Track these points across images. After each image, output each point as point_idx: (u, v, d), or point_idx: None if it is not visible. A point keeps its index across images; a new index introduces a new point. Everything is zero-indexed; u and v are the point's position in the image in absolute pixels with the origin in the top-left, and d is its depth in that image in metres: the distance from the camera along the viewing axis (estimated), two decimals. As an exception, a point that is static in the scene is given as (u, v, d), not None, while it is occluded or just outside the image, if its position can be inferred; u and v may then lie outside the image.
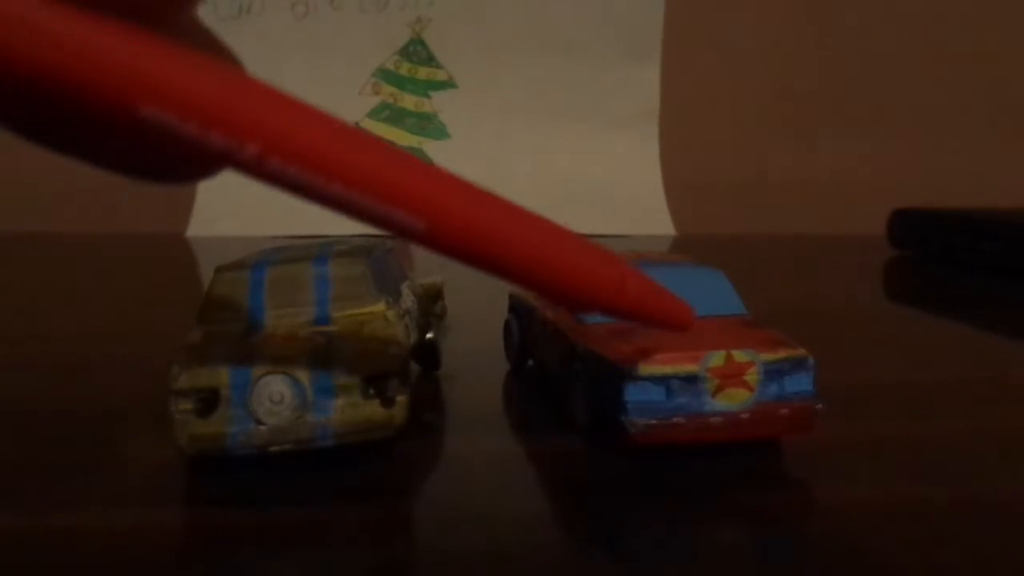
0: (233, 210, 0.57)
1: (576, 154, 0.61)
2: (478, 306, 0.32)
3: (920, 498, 0.15)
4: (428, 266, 0.42)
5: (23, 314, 0.32)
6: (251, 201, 0.58)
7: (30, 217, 0.59)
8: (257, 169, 0.10)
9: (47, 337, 0.28)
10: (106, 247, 0.51)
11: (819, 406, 0.16)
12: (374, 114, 0.61)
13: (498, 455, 0.17)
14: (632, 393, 0.16)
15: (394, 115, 0.61)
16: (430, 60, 0.61)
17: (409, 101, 0.61)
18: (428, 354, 0.23)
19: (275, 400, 0.15)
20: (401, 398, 0.16)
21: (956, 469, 0.17)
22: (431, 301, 0.23)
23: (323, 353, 0.16)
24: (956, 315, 0.33)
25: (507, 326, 0.23)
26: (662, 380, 0.16)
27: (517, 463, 0.17)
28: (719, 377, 0.16)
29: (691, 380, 0.16)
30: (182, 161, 0.11)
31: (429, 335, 0.23)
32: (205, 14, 0.58)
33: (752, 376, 0.16)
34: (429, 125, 0.61)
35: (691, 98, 0.64)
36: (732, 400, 0.16)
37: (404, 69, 0.61)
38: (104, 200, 0.59)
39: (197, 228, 0.57)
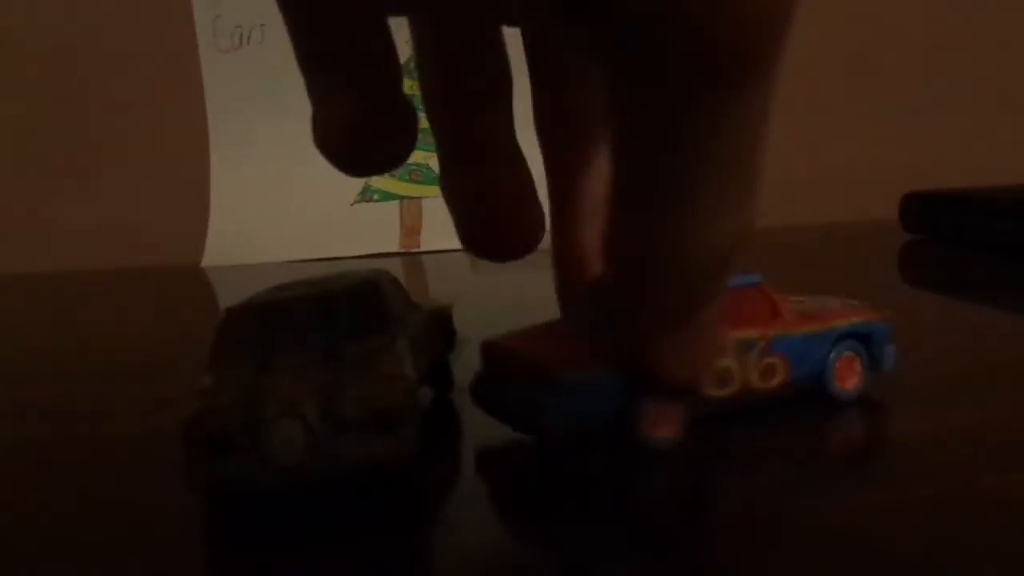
0: (246, 238, 0.58)
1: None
2: (488, 328, 0.32)
3: (941, 497, 0.15)
4: (438, 290, 0.42)
5: (39, 355, 0.32)
6: (262, 228, 0.58)
7: (43, 258, 0.60)
8: None
9: (64, 377, 0.28)
10: (123, 283, 0.52)
11: None
12: (379, 133, 0.61)
13: (513, 477, 0.17)
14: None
15: (399, 132, 0.61)
16: (431, 76, 0.61)
17: (413, 117, 0.61)
18: (440, 377, 0.23)
19: (286, 442, 0.15)
20: (410, 432, 0.16)
21: (978, 464, 0.17)
22: (441, 324, 0.24)
23: (332, 391, 0.16)
24: (973, 298, 0.33)
25: None
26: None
27: (534, 485, 0.17)
28: None
29: None
30: None
31: (440, 360, 0.23)
32: (205, 48, 0.59)
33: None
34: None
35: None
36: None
37: (406, 87, 0.61)
38: (118, 236, 0.60)
39: (212, 258, 0.57)
